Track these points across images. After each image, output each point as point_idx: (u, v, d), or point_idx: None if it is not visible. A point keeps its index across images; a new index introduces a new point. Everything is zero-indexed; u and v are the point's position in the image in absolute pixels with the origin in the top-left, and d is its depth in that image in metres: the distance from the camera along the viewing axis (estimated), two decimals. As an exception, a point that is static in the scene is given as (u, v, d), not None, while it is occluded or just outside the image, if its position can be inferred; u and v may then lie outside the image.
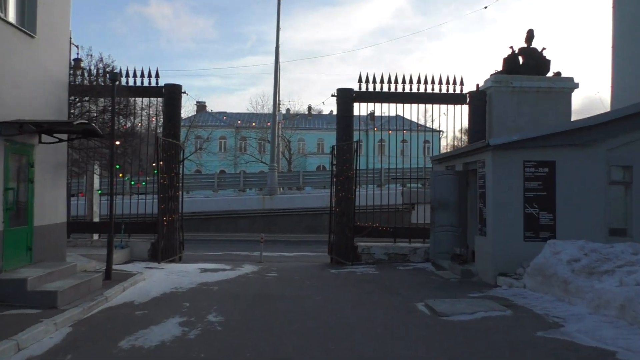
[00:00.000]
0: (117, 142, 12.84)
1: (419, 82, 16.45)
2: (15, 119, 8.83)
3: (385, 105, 16.40)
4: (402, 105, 16.41)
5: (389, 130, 16.63)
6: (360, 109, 16.31)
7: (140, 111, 15.61)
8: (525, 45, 16.62)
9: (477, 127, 16.14)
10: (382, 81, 16.46)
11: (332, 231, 16.30)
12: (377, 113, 17.27)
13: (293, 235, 27.30)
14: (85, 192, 17.10)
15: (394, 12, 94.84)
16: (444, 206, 13.86)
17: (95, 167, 16.35)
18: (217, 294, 10.63)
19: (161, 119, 16.06)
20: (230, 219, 28.81)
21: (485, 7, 19.00)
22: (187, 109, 75.33)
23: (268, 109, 51.91)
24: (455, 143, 51.11)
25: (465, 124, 16.83)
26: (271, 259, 17.58)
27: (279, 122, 36.36)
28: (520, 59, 16.50)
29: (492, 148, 11.42)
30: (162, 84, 16.07)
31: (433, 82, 16.46)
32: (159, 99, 16.20)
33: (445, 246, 13.83)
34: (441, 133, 35.31)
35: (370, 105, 16.63)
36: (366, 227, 16.13)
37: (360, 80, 16.46)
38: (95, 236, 16.60)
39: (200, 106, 64.88)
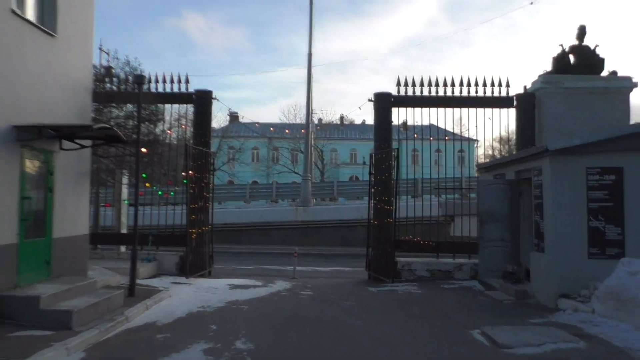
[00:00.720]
0: (143, 150, 12.18)
1: (461, 84, 15.34)
2: (33, 123, 8.18)
3: (417, 113, 15.30)
4: (437, 112, 15.30)
5: (430, 137, 15.58)
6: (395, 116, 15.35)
7: (169, 118, 14.95)
8: (577, 42, 15.35)
9: (525, 132, 14.91)
10: (421, 84, 15.42)
11: (369, 245, 15.28)
12: (410, 121, 16.16)
13: (327, 249, 26.32)
14: (112, 202, 16.49)
15: (425, 22, 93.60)
16: (494, 219, 12.71)
17: (124, 176, 15.77)
18: (247, 315, 9.74)
19: (191, 127, 15.40)
20: (263, 231, 28.01)
21: (532, 3, 17.36)
22: (219, 119, 75.61)
23: (300, 118, 51.28)
24: (492, 152, 49.41)
25: (505, 130, 15.66)
26: (305, 274, 16.64)
27: (311, 132, 35.64)
28: (571, 57, 15.24)
29: (551, 154, 10.26)
30: (192, 90, 15.44)
31: (476, 84, 15.32)
32: (189, 106, 15.57)
33: (496, 263, 12.65)
34: (477, 142, 34.15)
35: (410, 111, 15.56)
36: (407, 241, 15.05)
37: (398, 84, 15.47)
38: (123, 248, 15.98)
39: (233, 117, 64.70)
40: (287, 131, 51.51)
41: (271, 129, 31.91)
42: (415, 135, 15.56)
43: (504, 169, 13.36)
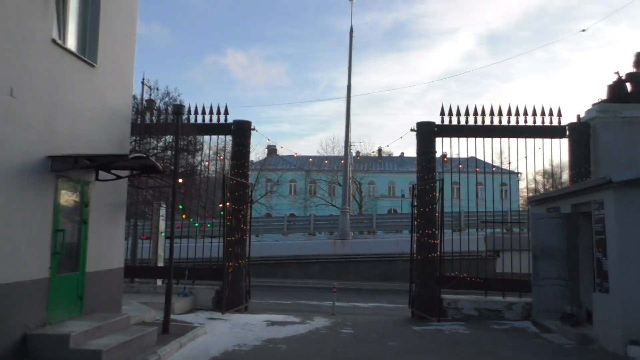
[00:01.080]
0: (180, 180, 11.93)
1: (509, 113, 14.68)
2: (68, 153, 7.98)
3: (461, 144, 14.64)
4: (483, 142, 14.62)
5: (476, 169, 14.92)
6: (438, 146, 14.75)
7: (208, 149, 14.76)
8: (634, 70, 14.58)
9: (579, 163, 14.06)
10: (466, 113, 14.83)
11: (412, 281, 14.52)
12: (454, 152, 15.46)
13: (366, 283, 25.52)
14: (150, 235, 16.28)
15: (463, 55, 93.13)
16: (549, 255, 11.84)
17: (162, 207, 15.58)
18: (284, 356, 9.15)
19: (229, 158, 15.17)
20: (300, 265, 27.45)
21: (584, 30, 16.57)
22: (257, 152, 76.33)
23: (338, 151, 51.14)
24: (535, 186, 47.89)
25: (550, 163, 14.85)
26: (344, 310, 15.95)
27: (350, 164, 35.25)
28: (629, 85, 14.45)
29: (614, 185, 9.45)
30: (231, 121, 15.26)
31: (525, 113, 14.64)
32: (228, 137, 15.37)
33: (552, 303, 11.73)
34: (519, 175, 33.05)
35: (454, 141, 14.88)
36: (453, 277, 14.22)
37: (442, 113, 14.92)
38: (159, 282, 15.67)
39: (271, 149, 65.11)
40: (326, 162, 51.20)
41: (310, 159, 31.61)
42: (460, 166, 14.88)
43: (558, 202, 12.52)
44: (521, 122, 14.62)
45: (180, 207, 13.46)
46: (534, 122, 14.61)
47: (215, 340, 10.26)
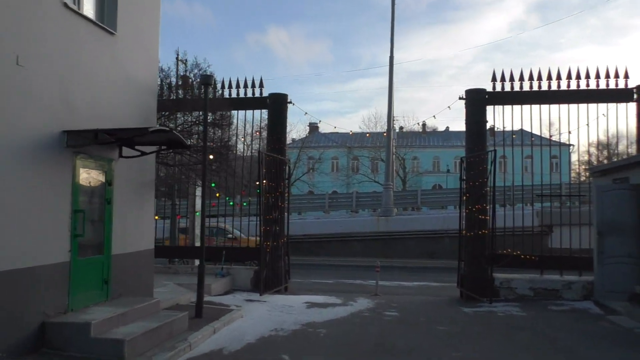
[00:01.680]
0: (211, 156, 11.31)
1: (568, 77, 13.32)
2: (85, 127, 7.41)
3: (515, 112, 13.45)
4: (539, 109, 13.43)
5: (531, 138, 13.69)
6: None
7: (243, 125, 14.08)
8: None
9: (649, 129, 12.70)
10: (521, 78, 13.57)
11: (461, 259, 13.58)
12: (506, 121, 14.17)
13: (411, 261, 24.62)
14: (187, 214, 15.84)
15: (509, 25, 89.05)
16: (617, 230, 10.69)
17: (197, 186, 15.08)
18: (324, 343, 8.47)
19: (265, 133, 14.48)
20: (343, 242, 26.79)
21: None
22: (299, 130, 76.05)
23: (381, 126, 49.90)
24: (589, 158, 45.11)
25: (605, 134, 13.37)
26: (388, 289, 15.19)
27: (393, 138, 34.12)
28: None
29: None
30: (266, 94, 14.54)
31: (588, 76, 13.23)
32: (264, 112, 14.67)
33: (620, 283, 10.62)
34: (571, 147, 31.10)
35: (507, 109, 13.67)
36: (505, 255, 13.18)
37: (494, 79, 13.70)
38: (197, 262, 15.28)
39: (313, 127, 64.48)
40: (368, 135, 49.98)
41: (350, 131, 30.59)
42: (514, 136, 13.68)
43: (627, 172, 11.27)
44: (582, 86, 13.29)
45: (213, 184, 12.88)
46: (597, 85, 13.25)
47: (251, 324, 9.69)
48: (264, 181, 13.55)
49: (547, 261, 13.21)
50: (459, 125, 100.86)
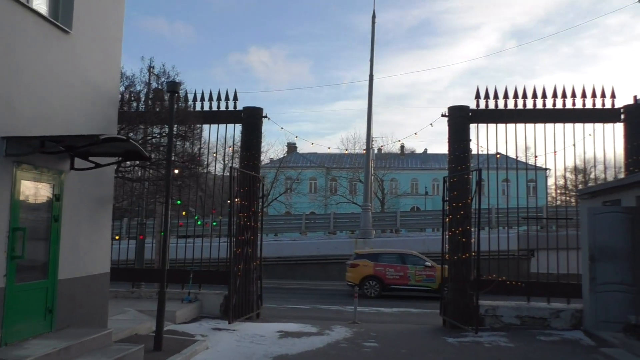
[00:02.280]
0: (176, 171, 10.45)
1: (554, 96, 12.90)
2: (31, 134, 6.54)
3: (499, 131, 12.95)
4: (524, 128, 12.95)
5: (516, 158, 13.16)
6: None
7: (215, 139, 13.22)
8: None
9: (636, 149, 12.25)
10: (505, 96, 13.08)
11: (444, 285, 12.86)
12: (491, 140, 13.60)
13: (390, 285, 23.82)
14: (145, 234, 14.81)
15: (487, 52, 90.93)
16: (610, 255, 10.10)
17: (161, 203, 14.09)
18: (297, 380, 7.61)
19: (238, 149, 13.67)
20: (320, 265, 25.88)
21: (638, 1, 14.57)
22: (276, 149, 75.35)
23: (360, 146, 49.35)
24: (565, 183, 45.22)
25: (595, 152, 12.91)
26: (367, 316, 14.39)
27: (372, 159, 33.57)
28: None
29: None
30: (241, 108, 13.78)
31: (574, 95, 12.84)
32: (237, 126, 13.87)
33: (613, 312, 10.00)
34: (548, 171, 30.95)
35: (491, 128, 13.14)
36: (490, 280, 12.51)
37: (477, 96, 13.18)
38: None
39: (291, 147, 63.89)
40: (346, 151, 49.43)
41: (329, 147, 29.94)
42: (498, 156, 13.13)
43: (618, 194, 10.74)
44: (568, 105, 12.85)
45: (179, 202, 11.99)
46: (584, 104, 12.83)
47: (216, 357, 8.79)
48: (236, 199, 12.74)
49: (534, 287, 12.57)
50: (437, 147, 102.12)
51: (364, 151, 29.32)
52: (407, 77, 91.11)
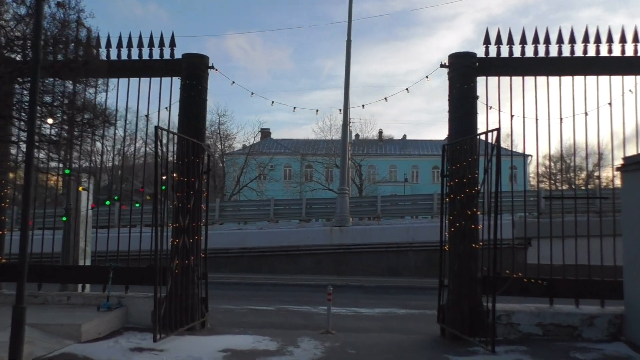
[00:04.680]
0: (50, 120, 7.19)
1: (586, 40, 10.02)
2: None
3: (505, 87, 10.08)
4: (547, 81, 10.11)
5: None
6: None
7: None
8: None
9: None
10: (523, 42, 10.14)
11: (443, 283, 9.94)
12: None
13: (369, 279, 21.01)
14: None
15: (462, 43, 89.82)
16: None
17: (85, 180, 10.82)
18: None
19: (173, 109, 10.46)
20: (290, 257, 22.85)
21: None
22: (246, 132, 72.58)
23: (337, 130, 46.33)
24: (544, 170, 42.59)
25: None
26: (343, 321, 11.55)
27: (349, 141, 30.62)
28: None
29: None
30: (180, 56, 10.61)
31: (610, 40, 9.98)
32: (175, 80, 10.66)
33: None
34: (529, 158, 28.24)
35: (504, 82, 10.20)
36: (504, 278, 9.61)
37: (487, 41, 10.21)
38: (81, 287, 11.07)
39: (265, 133, 60.80)
40: (320, 123, 46.69)
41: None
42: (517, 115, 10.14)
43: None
44: (604, 53, 10.00)
45: (67, 172, 8.76)
46: (623, 51, 9.99)
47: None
48: (174, 175, 9.62)
49: (559, 286, 9.72)
50: (416, 134, 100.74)
51: (342, 128, 26.23)
52: (385, 68, 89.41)
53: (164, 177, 8.63)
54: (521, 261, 13.63)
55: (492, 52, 10.17)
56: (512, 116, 10.07)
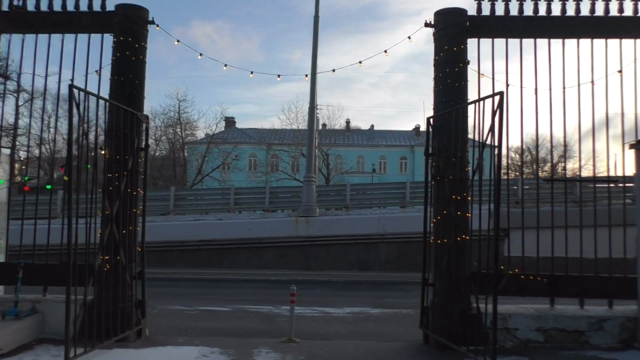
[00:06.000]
0: None
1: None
2: None
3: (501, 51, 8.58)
4: (548, 44, 8.62)
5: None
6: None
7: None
8: None
9: None
10: (520, -2, 8.63)
11: (427, 281, 8.39)
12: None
13: (337, 274, 19.49)
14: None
15: (427, 38, 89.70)
16: None
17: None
18: None
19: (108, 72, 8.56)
20: (252, 250, 21.10)
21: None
22: (209, 119, 70.58)
23: (303, 117, 44.65)
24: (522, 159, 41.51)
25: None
26: (309, 324, 10.00)
27: (316, 130, 28.98)
28: None
29: None
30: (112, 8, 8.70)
31: (620, -4, 8.56)
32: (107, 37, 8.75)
33: None
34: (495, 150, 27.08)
35: (498, 44, 8.66)
36: (499, 274, 8.11)
37: (479, -5, 8.66)
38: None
39: (229, 122, 58.63)
40: (287, 112, 45.14)
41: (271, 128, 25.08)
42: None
43: None
44: (613, 12, 8.55)
45: None
46: (635, 11, 8.57)
47: None
48: (100, 149, 7.79)
49: (561, 284, 8.29)
50: (384, 124, 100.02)
51: (308, 116, 24.50)
52: (351, 61, 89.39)
53: (87, 153, 6.78)
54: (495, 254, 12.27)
55: (485, 10, 8.62)
56: (507, 85, 8.55)
